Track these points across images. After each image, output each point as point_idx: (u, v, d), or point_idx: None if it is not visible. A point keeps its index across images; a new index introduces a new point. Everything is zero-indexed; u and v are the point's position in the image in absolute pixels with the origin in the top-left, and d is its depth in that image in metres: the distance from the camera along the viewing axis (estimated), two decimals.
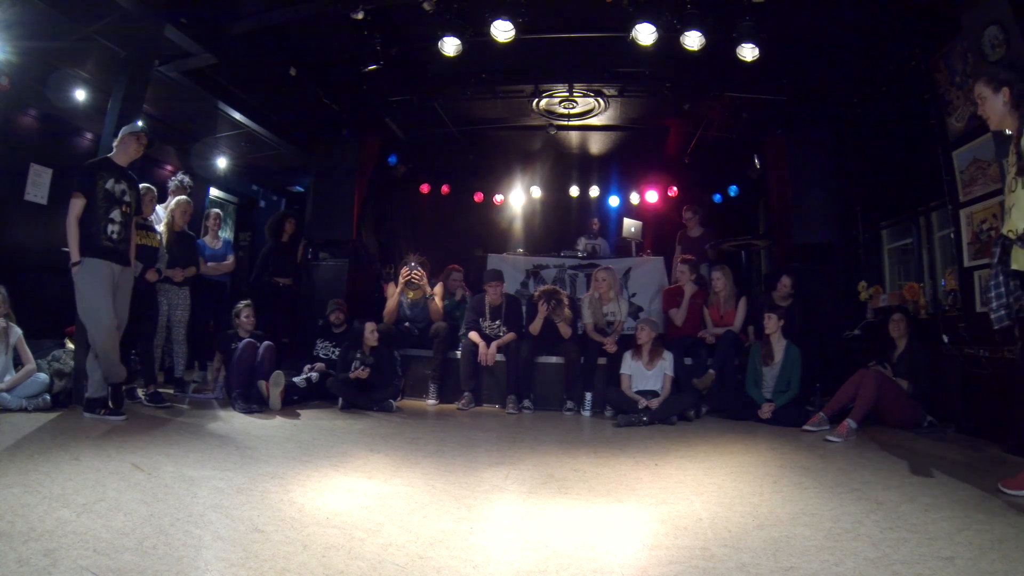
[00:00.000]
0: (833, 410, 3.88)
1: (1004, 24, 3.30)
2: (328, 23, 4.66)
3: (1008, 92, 2.26)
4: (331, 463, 2.77)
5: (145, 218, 4.22)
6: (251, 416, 3.92)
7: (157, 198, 4.61)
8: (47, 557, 1.53)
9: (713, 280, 5.15)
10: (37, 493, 2.03)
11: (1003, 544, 1.82)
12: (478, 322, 5.12)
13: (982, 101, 2.36)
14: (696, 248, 6.25)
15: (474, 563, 1.65)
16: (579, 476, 2.68)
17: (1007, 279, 2.22)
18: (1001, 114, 2.30)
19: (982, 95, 2.34)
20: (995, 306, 2.25)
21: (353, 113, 6.37)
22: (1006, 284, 2.23)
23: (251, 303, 4.75)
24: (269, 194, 8.63)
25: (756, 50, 4.47)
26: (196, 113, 5.80)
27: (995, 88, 2.29)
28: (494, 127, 7.18)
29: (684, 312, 5.14)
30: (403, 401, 4.93)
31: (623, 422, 4.10)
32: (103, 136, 4.22)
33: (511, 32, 4.41)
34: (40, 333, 4.23)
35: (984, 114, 2.37)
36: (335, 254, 6.38)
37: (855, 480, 2.61)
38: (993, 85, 2.30)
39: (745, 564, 1.66)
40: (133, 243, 3.73)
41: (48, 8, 3.87)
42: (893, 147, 5.22)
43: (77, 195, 3.47)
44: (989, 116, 2.35)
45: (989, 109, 2.32)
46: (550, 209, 8.71)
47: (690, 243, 6.37)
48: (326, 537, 1.79)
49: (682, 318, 5.15)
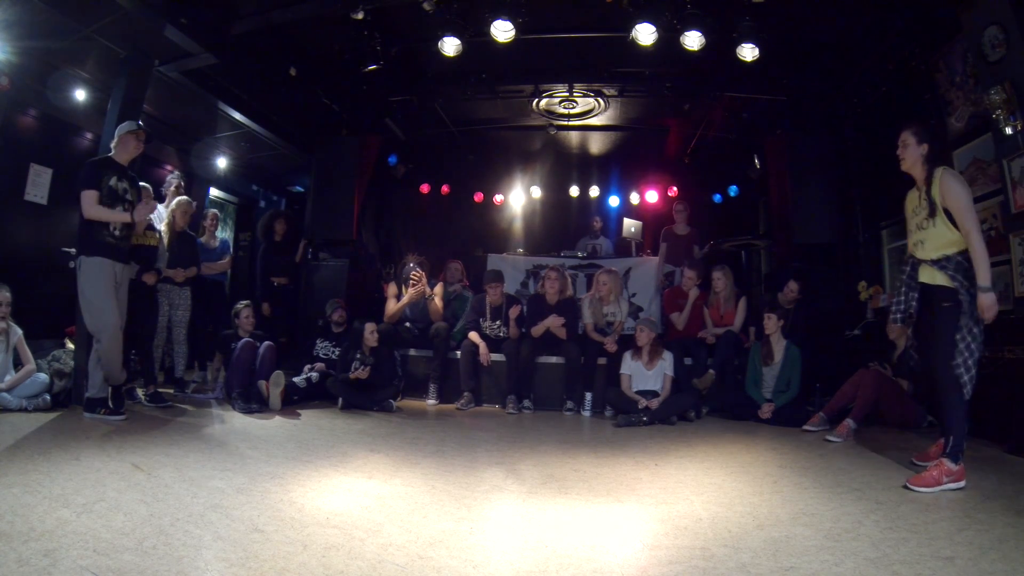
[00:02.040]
0: (833, 410, 3.88)
1: (1004, 24, 3.30)
2: (328, 23, 4.66)
3: (927, 148, 2.74)
4: (331, 463, 2.78)
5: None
6: (251, 416, 3.92)
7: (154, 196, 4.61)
8: (47, 557, 1.53)
9: (713, 280, 5.13)
10: (37, 493, 2.03)
11: (1003, 544, 1.82)
12: (478, 322, 5.12)
13: (903, 146, 2.81)
14: (681, 246, 6.19)
15: (474, 563, 1.65)
16: (579, 476, 2.68)
17: (909, 290, 2.79)
18: (914, 161, 2.78)
19: (906, 142, 2.80)
20: (893, 309, 2.85)
21: (353, 113, 6.37)
22: (906, 295, 2.80)
23: (251, 303, 4.75)
24: (269, 194, 8.62)
25: (756, 50, 4.47)
26: (196, 113, 5.79)
27: (919, 140, 2.76)
28: (494, 127, 7.18)
29: (686, 318, 5.14)
30: (403, 401, 4.93)
31: (623, 422, 4.10)
32: (103, 136, 4.22)
33: (511, 32, 4.40)
34: (40, 333, 4.23)
35: (901, 156, 2.82)
36: (335, 254, 6.37)
37: (855, 480, 2.61)
38: (919, 137, 2.76)
39: (745, 564, 1.66)
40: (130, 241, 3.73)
41: (48, 8, 3.86)
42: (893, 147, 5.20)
43: (87, 190, 3.45)
44: (904, 159, 2.82)
45: (908, 155, 2.79)
46: (550, 209, 8.70)
47: (675, 240, 6.31)
48: (326, 537, 1.79)
49: (683, 323, 5.15)
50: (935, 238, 2.68)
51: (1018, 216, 3.37)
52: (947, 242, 2.64)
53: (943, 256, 2.66)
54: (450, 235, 8.37)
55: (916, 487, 2.42)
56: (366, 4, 4.26)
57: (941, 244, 2.66)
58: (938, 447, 2.70)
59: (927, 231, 2.72)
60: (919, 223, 2.78)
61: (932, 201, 2.68)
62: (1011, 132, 3.32)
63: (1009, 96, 3.28)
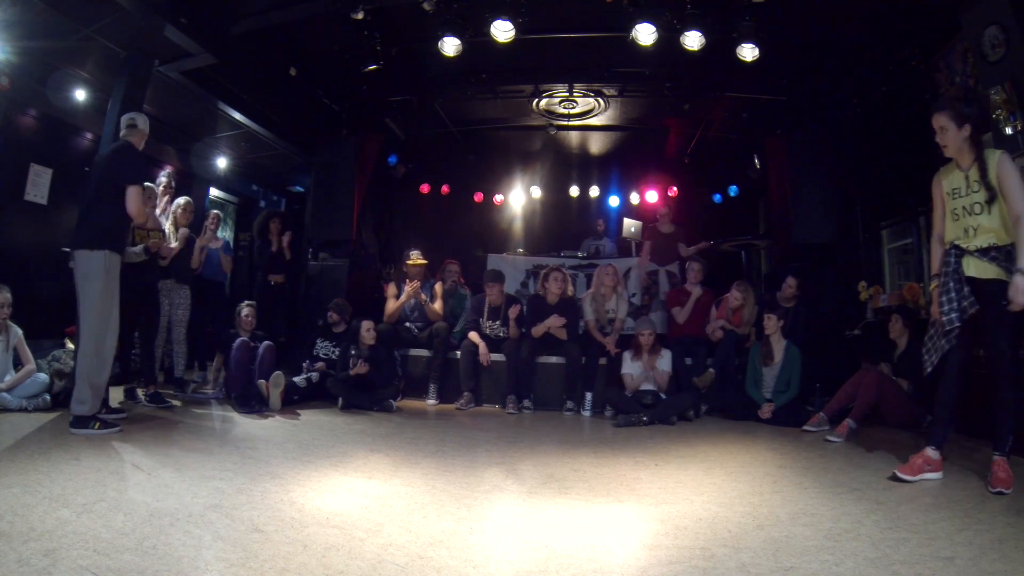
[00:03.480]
0: (833, 410, 3.88)
1: (1004, 24, 3.31)
2: (328, 23, 4.66)
3: (970, 128, 2.52)
4: (331, 463, 2.77)
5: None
6: (251, 416, 3.92)
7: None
8: (47, 557, 1.53)
9: (731, 297, 5.03)
10: (37, 493, 2.03)
11: (1003, 544, 1.82)
12: (478, 322, 5.12)
13: (942, 132, 2.58)
14: (665, 245, 6.14)
15: (474, 563, 1.65)
16: (579, 476, 2.68)
17: (959, 285, 2.55)
18: (959, 146, 2.56)
19: (944, 127, 2.57)
20: (946, 310, 2.56)
21: (353, 113, 6.38)
22: (958, 290, 2.55)
23: (253, 303, 4.76)
24: (269, 194, 8.62)
25: (756, 50, 4.47)
26: (196, 113, 5.79)
27: (959, 123, 2.53)
28: (494, 127, 7.19)
29: (687, 313, 5.14)
30: (403, 401, 4.93)
31: (623, 422, 4.10)
32: (103, 136, 4.22)
33: (511, 32, 4.41)
34: (40, 333, 4.23)
35: (942, 142, 2.60)
36: (335, 254, 6.38)
37: (855, 480, 2.61)
38: (958, 120, 2.53)
39: (745, 564, 1.66)
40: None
41: (48, 8, 3.87)
42: (893, 147, 5.23)
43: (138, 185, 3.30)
44: (947, 145, 2.59)
45: (949, 140, 2.56)
46: (550, 209, 8.71)
47: (660, 239, 6.23)
48: (326, 537, 1.79)
49: (684, 317, 5.14)
50: (990, 225, 2.51)
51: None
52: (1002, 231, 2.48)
53: (993, 245, 2.50)
54: (450, 235, 8.37)
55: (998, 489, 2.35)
56: (366, 4, 4.27)
57: (996, 232, 2.50)
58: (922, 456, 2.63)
59: (981, 217, 2.53)
60: (968, 207, 2.57)
61: (990, 186, 2.50)
62: (1011, 132, 3.32)
63: (1009, 96, 3.28)
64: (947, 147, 2.60)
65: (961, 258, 2.57)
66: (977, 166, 2.53)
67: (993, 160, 2.50)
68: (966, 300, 2.54)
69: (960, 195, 2.60)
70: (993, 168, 2.49)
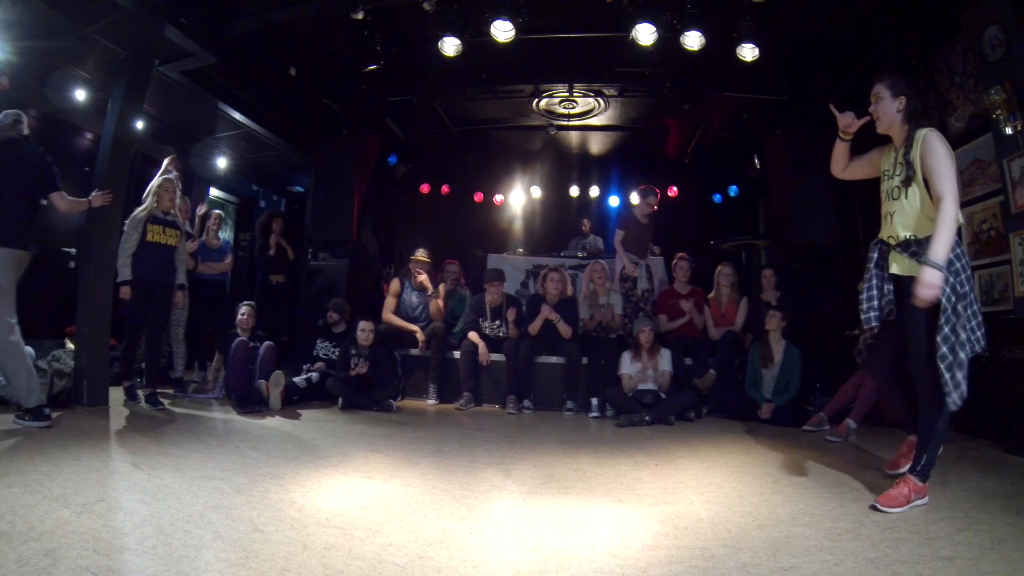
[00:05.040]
0: (833, 410, 3.88)
1: (1004, 24, 3.30)
2: (328, 23, 4.65)
3: (904, 101, 2.30)
4: (331, 463, 2.77)
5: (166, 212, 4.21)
6: (251, 416, 3.92)
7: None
8: (47, 557, 1.53)
9: (721, 274, 5.16)
10: (37, 493, 2.03)
11: (1003, 544, 1.82)
12: (478, 322, 5.12)
13: (876, 100, 2.37)
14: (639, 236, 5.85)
15: (474, 563, 1.65)
16: (579, 476, 2.68)
17: (881, 282, 2.35)
18: (891, 119, 2.33)
19: (879, 94, 2.36)
20: (864, 308, 2.37)
21: (353, 113, 6.37)
22: (879, 288, 2.35)
23: (252, 304, 4.76)
24: (269, 194, 8.62)
25: (756, 50, 4.47)
26: (196, 113, 5.79)
27: (894, 94, 2.32)
28: (494, 127, 7.17)
29: (675, 326, 5.14)
30: (403, 401, 4.93)
31: (624, 422, 4.10)
32: (103, 136, 4.22)
33: (511, 32, 4.40)
34: (40, 333, 4.22)
35: (875, 114, 2.38)
36: (335, 254, 6.38)
37: (855, 480, 2.61)
38: (893, 90, 2.32)
39: (745, 564, 1.66)
40: None
41: (48, 8, 3.86)
42: None
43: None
44: (879, 117, 2.37)
45: (882, 111, 2.35)
46: (550, 209, 8.70)
47: (636, 229, 5.84)
48: (326, 537, 1.79)
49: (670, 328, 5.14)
50: (907, 212, 2.23)
51: (1018, 216, 3.37)
52: (923, 219, 2.19)
53: (912, 238, 2.21)
54: (450, 235, 8.36)
55: (885, 507, 2.12)
56: (366, 4, 4.26)
57: (915, 221, 2.21)
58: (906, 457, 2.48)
59: (897, 202, 2.27)
60: (889, 191, 2.32)
61: (909, 163, 2.20)
62: (1011, 132, 3.32)
63: (1009, 96, 3.28)
64: (880, 119, 2.37)
65: (888, 253, 2.33)
66: (905, 146, 2.27)
67: (920, 136, 2.22)
68: (886, 299, 2.33)
69: (888, 176, 2.34)
70: (917, 145, 2.21)
